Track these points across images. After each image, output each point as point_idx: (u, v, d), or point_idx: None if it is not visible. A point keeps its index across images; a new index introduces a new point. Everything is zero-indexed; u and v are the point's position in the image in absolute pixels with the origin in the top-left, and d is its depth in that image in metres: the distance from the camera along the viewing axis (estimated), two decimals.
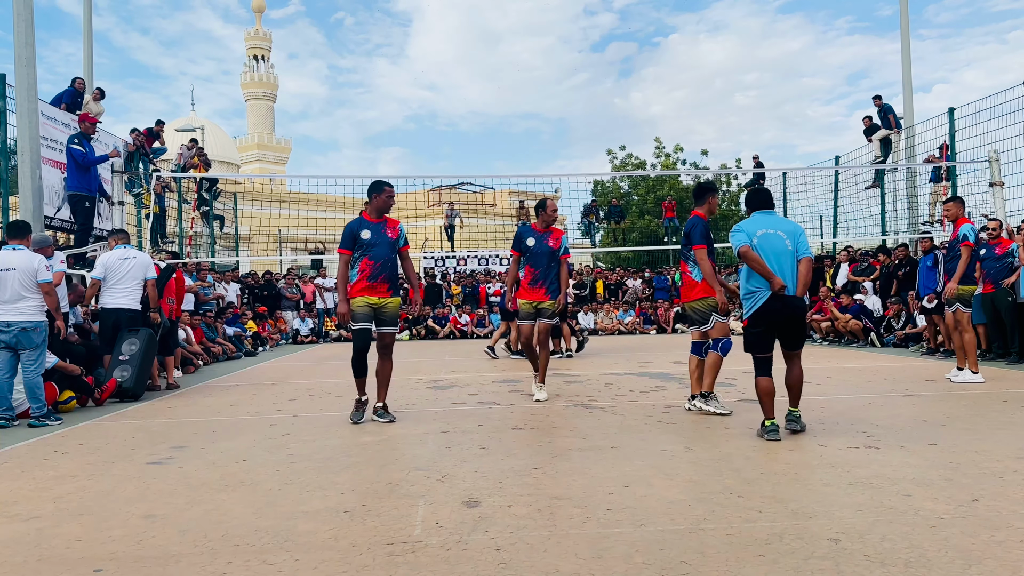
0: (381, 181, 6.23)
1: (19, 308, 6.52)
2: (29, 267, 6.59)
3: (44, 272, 6.65)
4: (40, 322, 6.63)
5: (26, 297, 6.55)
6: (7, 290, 6.50)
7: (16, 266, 6.56)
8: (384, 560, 2.89)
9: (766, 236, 5.19)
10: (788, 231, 5.27)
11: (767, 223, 5.30)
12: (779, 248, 5.17)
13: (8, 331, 6.49)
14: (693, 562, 2.78)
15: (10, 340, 6.51)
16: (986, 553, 2.79)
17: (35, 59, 9.45)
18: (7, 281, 6.51)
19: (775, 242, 5.18)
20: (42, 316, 6.66)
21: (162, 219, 16.52)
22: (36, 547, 3.15)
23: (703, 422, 5.73)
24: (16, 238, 6.88)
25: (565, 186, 27.62)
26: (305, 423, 6.15)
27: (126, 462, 4.79)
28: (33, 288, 6.59)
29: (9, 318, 6.48)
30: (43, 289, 6.63)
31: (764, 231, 5.21)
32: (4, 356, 6.54)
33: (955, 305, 8.07)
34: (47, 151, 10.98)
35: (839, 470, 4.12)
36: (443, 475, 4.23)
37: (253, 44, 74.19)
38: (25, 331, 6.53)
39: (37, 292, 6.62)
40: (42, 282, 6.62)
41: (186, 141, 18.81)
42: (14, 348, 6.56)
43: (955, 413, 5.99)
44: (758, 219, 5.35)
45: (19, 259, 6.61)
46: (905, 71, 17.15)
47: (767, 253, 5.13)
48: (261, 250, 26.44)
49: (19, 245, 6.78)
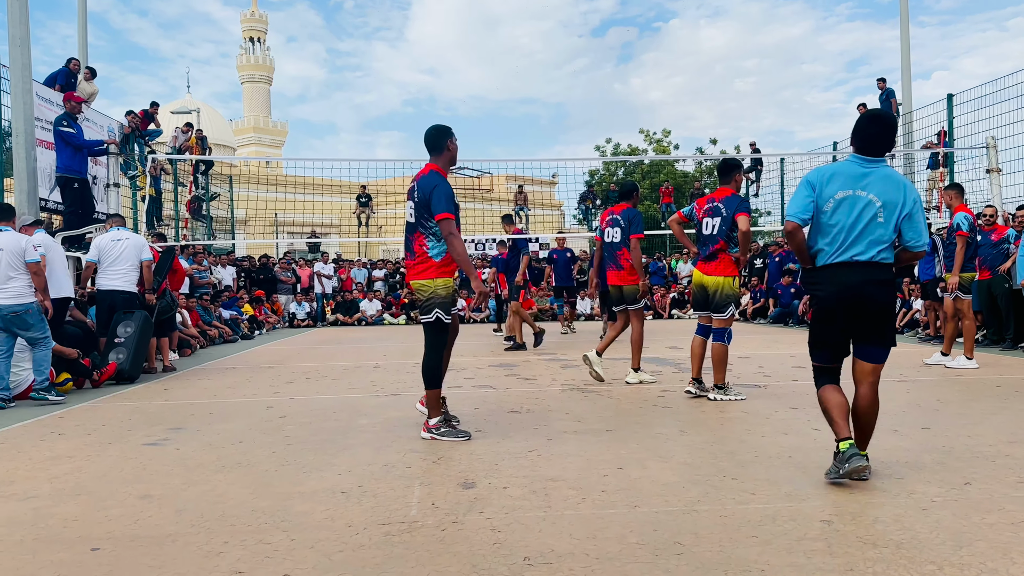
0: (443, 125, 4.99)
1: (8, 290, 6.55)
2: (17, 247, 6.64)
3: (32, 252, 6.70)
4: (30, 303, 6.66)
5: (14, 278, 6.59)
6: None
7: (4, 247, 6.59)
8: (380, 540, 2.90)
9: (848, 201, 3.50)
10: (889, 199, 3.48)
11: (860, 179, 3.51)
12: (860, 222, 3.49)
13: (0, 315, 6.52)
14: (687, 543, 2.80)
15: (3, 323, 6.54)
16: (977, 535, 2.82)
17: (29, 39, 9.37)
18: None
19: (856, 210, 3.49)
20: (32, 297, 6.70)
21: (158, 202, 16.46)
22: (33, 526, 3.16)
23: (698, 406, 5.75)
24: (2, 220, 6.89)
25: (563, 171, 27.57)
26: (302, 406, 6.17)
27: (123, 443, 4.80)
28: (21, 268, 6.63)
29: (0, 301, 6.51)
30: (31, 269, 6.68)
31: (848, 193, 3.50)
32: (2, 337, 6.57)
33: (955, 292, 8.09)
34: (42, 132, 10.90)
35: (832, 453, 4.13)
36: (439, 457, 4.24)
37: (249, 26, 73.62)
38: (16, 314, 6.57)
39: (25, 272, 6.65)
40: (30, 262, 6.67)
41: (181, 124, 18.71)
42: (9, 330, 6.59)
43: (949, 398, 6.02)
44: (847, 173, 3.55)
45: (6, 240, 6.65)
46: (904, 58, 17.11)
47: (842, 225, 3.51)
48: (258, 234, 26.36)
49: (5, 227, 6.81)
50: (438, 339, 4.76)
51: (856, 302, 3.52)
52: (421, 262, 4.72)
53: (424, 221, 4.68)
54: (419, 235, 4.71)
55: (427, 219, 4.66)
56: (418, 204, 4.69)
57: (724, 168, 6.35)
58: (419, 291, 4.74)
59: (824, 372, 3.74)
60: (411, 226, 4.78)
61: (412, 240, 4.76)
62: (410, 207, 4.77)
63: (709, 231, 6.12)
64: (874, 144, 3.55)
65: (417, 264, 4.75)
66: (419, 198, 4.68)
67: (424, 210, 4.66)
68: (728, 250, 6.06)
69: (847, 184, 3.53)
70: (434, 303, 4.69)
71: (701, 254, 6.21)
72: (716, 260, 6.08)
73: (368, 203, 25.02)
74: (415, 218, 4.73)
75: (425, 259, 4.70)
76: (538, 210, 30.90)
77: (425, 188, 4.66)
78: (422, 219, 4.69)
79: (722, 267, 6.07)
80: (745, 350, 10.10)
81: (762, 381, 7.06)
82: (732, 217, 5.97)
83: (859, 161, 3.57)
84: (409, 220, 4.80)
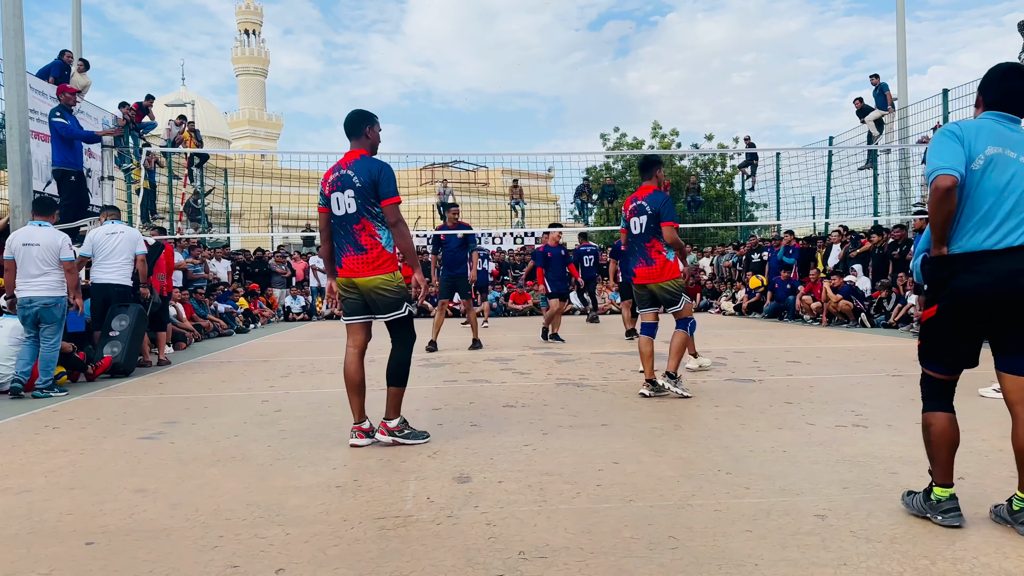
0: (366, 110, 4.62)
1: (40, 283, 6.71)
2: (53, 244, 6.80)
3: (67, 250, 6.88)
4: (60, 297, 6.83)
5: (47, 272, 6.74)
6: (30, 264, 6.69)
7: (40, 242, 6.76)
8: (375, 534, 2.91)
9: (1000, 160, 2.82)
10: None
11: (1007, 137, 2.87)
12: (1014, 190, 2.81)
13: (30, 307, 6.68)
14: (681, 537, 2.81)
15: (32, 316, 6.69)
16: (971, 530, 2.83)
17: (23, 31, 9.31)
18: (31, 255, 6.70)
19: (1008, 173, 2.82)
20: (62, 292, 6.86)
21: (152, 195, 16.40)
22: (27, 520, 3.16)
23: (693, 401, 5.76)
24: (41, 214, 7.05)
25: (559, 166, 27.61)
26: (297, 399, 6.16)
27: (117, 437, 4.79)
28: (55, 264, 6.79)
29: (31, 293, 6.69)
30: (65, 267, 6.83)
31: (998, 150, 2.84)
32: (31, 330, 6.76)
33: None
34: (36, 125, 10.85)
35: (827, 448, 4.15)
36: (434, 451, 4.25)
37: (244, 18, 73.37)
38: (47, 307, 6.73)
39: (58, 268, 6.80)
40: (64, 260, 6.82)
41: (174, 117, 18.64)
42: (36, 323, 6.75)
43: None
44: (991, 128, 2.89)
45: (43, 235, 6.81)
46: (900, 52, 17.10)
47: (991, 191, 2.82)
48: (252, 227, 26.30)
49: (44, 221, 6.97)
50: (411, 333, 4.52)
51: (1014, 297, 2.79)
52: (378, 256, 4.32)
53: (371, 208, 4.31)
54: (366, 225, 4.32)
55: (374, 205, 4.31)
56: (361, 189, 4.28)
57: (645, 165, 6.19)
58: (378, 288, 4.34)
59: (939, 389, 3.01)
60: (351, 217, 4.32)
61: (355, 232, 4.33)
62: (348, 196, 4.31)
63: (638, 231, 5.96)
64: (1018, 100, 2.93)
65: (372, 259, 4.32)
66: (363, 182, 4.29)
67: (371, 195, 4.29)
68: (663, 251, 5.91)
69: (996, 140, 2.85)
70: (400, 297, 4.39)
71: (635, 259, 6.01)
72: (655, 264, 5.91)
73: None
74: (357, 207, 4.30)
75: (381, 251, 4.33)
76: (534, 204, 30.88)
77: (370, 171, 4.31)
78: (367, 206, 4.31)
79: (657, 271, 5.90)
80: (740, 344, 10.12)
81: (757, 376, 7.07)
82: (658, 214, 5.84)
83: (997, 118, 2.92)
84: (348, 211, 4.33)
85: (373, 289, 4.35)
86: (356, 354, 4.52)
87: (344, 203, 4.35)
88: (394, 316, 4.41)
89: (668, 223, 5.83)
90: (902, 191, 17.36)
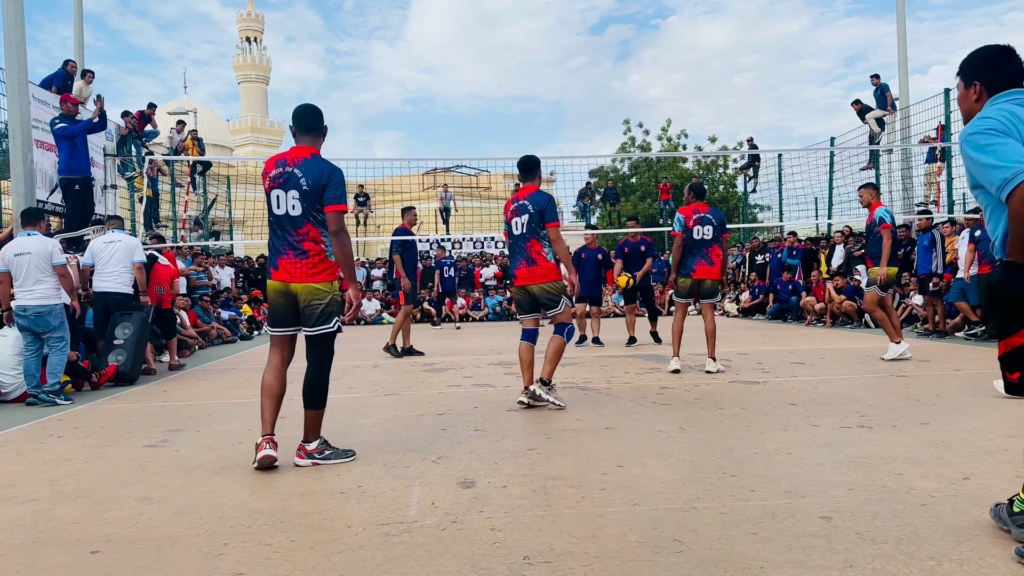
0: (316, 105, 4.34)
1: (35, 292, 6.78)
2: (43, 251, 6.86)
3: (58, 255, 6.95)
4: (55, 305, 6.88)
5: (42, 280, 6.80)
6: (24, 274, 6.77)
7: (31, 250, 6.82)
8: (380, 540, 2.90)
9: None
10: None
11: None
12: None
13: (24, 315, 6.75)
14: (686, 540, 2.80)
15: (28, 324, 6.76)
16: (976, 531, 2.82)
17: (25, 41, 9.36)
18: (23, 265, 6.78)
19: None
20: (57, 299, 6.91)
21: (155, 203, 16.44)
22: (33, 529, 3.16)
23: (697, 403, 5.75)
24: (29, 224, 7.13)
25: (560, 169, 27.59)
26: (300, 406, 6.14)
27: (122, 445, 4.80)
28: (48, 271, 6.84)
29: (25, 302, 6.76)
30: (58, 272, 6.90)
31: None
32: (28, 338, 6.83)
33: (873, 286, 8.22)
34: (39, 134, 10.89)
35: (832, 449, 4.14)
36: (438, 456, 4.24)
37: (245, 26, 73.57)
38: (40, 315, 6.77)
39: (52, 275, 6.86)
40: (56, 265, 6.89)
41: (174, 124, 18.68)
42: (35, 331, 6.81)
43: (947, 393, 6.02)
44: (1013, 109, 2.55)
45: (33, 244, 6.88)
46: (901, 52, 17.09)
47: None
48: (256, 234, 26.35)
49: (33, 231, 7.04)
50: (331, 352, 4.25)
51: None
52: (320, 262, 4.08)
53: (316, 214, 4.03)
54: (311, 230, 4.05)
55: (319, 211, 4.04)
56: (308, 192, 4.00)
57: (526, 165, 5.98)
58: (315, 296, 4.07)
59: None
60: (295, 220, 4.04)
61: (299, 236, 4.04)
62: (293, 197, 4.02)
63: (519, 231, 5.76)
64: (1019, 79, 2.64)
65: (313, 264, 4.07)
66: (310, 184, 3.99)
67: (317, 200, 4.01)
68: (544, 251, 5.70)
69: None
70: (333, 310, 4.13)
71: (515, 260, 5.82)
72: (536, 265, 5.70)
73: (366, 203, 25.03)
74: (302, 210, 4.01)
75: (324, 258, 4.09)
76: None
77: (320, 173, 4.02)
78: (313, 211, 4.03)
79: (538, 272, 5.70)
80: (744, 346, 10.11)
81: (761, 377, 7.06)
82: (541, 213, 5.68)
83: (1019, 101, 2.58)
84: (290, 213, 4.04)
85: (308, 296, 4.08)
86: (279, 367, 4.27)
87: (286, 203, 4.05)
88: (322, 330, 4.12)
89: (553, 223, 5.69)
90: (904, 191, 17.34)
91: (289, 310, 4.14)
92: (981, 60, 2.75)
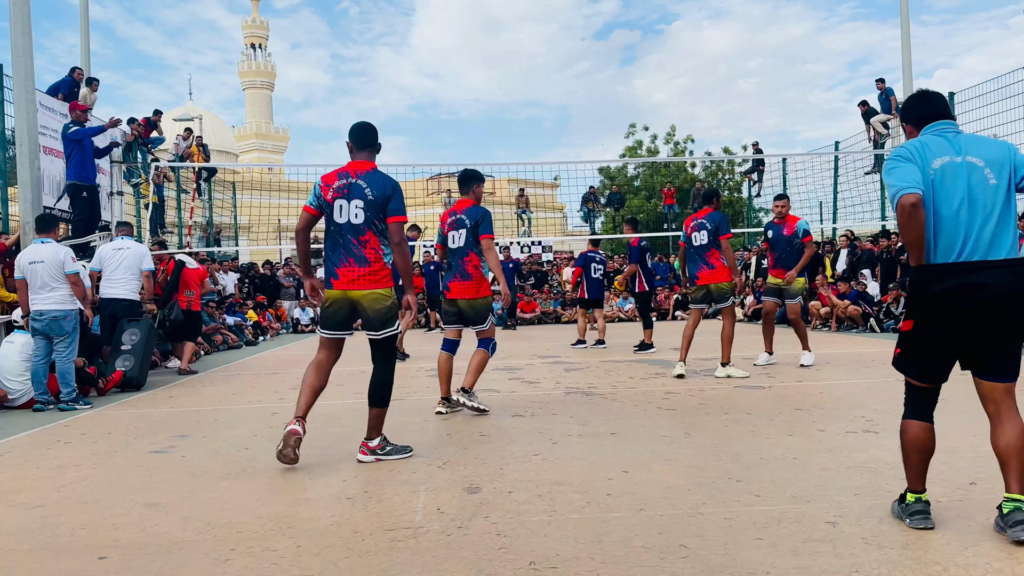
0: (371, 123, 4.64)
1: (50, 298, 6.87)
2: (56, 259, 6.93)
3: (70, 264, 7.00)
4: (70, 310, 6.97)
5: (55, 288, 6.89)
6: (38, 281, 6.86)
7: (44, 259, 6.90)
8: (386, 545, 2.91)
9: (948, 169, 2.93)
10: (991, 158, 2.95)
11: (950, 146, 2.98)
12: (974, 190, 2.91)
13: (41, 319, 6.83)
14: (692, 545, 2.81)
15: (43, 328, 6.84)
16: (983, 536, 2.82)
17: (32, 49, 9.41)
18: (37, 273, 6.87)
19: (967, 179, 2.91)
20: (72, 305, 7.00)
21: (161, 209, 16.49)
22: (41, 535, 3.18)
23: (702, 408, 5.75)
24: (44, 232, 7.22)
25: (565, 174, 27.60)
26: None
27: (129, 451, 4.82)
28: (61, 279, 6.92)
29: (42, 307, 6.85)
30: (70, 280, 6.96)
31: (944, 160, 2.95)
32: (40, 343, 6.90)
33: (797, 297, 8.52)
34: (46, 140, 10.95)
35: (837, 454, 4.14)
36: (444, 462, 4.25)
37: (251, 32, 73.82)
38: (56, 319, 6.86)
39: (65, 283, 6.94)
40: (69, 273, 6.94)
41: (181, 131, 18.75)
42: (48, 336, 6.88)
43: (952, 397, 5.97)
44: (934, 142, 3.01)
45: (47, 252, 6.95)
46: (905, 56, 17.09)
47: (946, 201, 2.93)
48: (261, 240, 26.41)
49: (47, 239, 7.13)
50: (395, 353, 4.54)
51: None
52: (380, 269, 4.31)
53: (377, 223, 4.28)
54: (371, 238, 4.29)
55: (381, 221, 4.29)
56: (372, 202, 4.25)
57: (464, 179, 6.01)
58: (377, 301, 4.30)
59: None
60: (357, 228, 4.26)
61: (360, 244, 4.27)
62: (356, 206, 4.26)
63: (455, 244, 5.78)
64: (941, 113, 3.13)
65: (374, 272, 4.30)
66: (375, 195, 4.26)
67: (380, 210, 4.27)
68: (480, 266, 5.76)
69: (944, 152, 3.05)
70: (395, 314, 4.37)
71: (451, 273, 5.86)
72: (471, 280, 5.75)
73: None
74: (365, 219, 4.26)
75: (382, 265, 4.33)
76: (540, 213, 30.91)
77: (384, 185, 4.31)
78: (376, 220, 4.28)
79: (472, 287, 5.76)
80: (748, 351, 10.09)
81: (766, 382, 7.05)
82: (476, 227, 5.72)
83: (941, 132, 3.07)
84: (352, 221, 4.27)
85: (372, 302, 4.29)
86: (326, 365, 4.48)
87: (349, 212, 4.27)
88: (385, 334, 4.35)
89: (486, 235, 5.70)
90: None
91: (346, 316, 4.40)
92: (906, 104, 3.30)
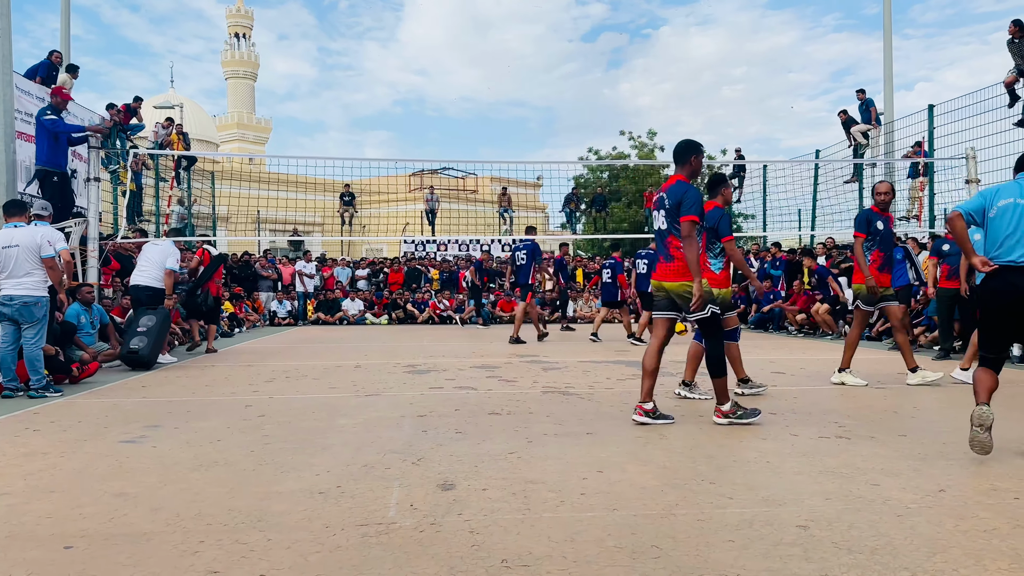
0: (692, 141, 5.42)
1: (23, 283, 6.73)
2: (32, 243, 6.80)
3: (47, 248, 6.86)
4: (41, 297, 6.83)
5: (31, 272, 6.77)
6: (12, 266, 6.72)
7: (20, 243, 6.76)
8: (357, 541, 2.89)
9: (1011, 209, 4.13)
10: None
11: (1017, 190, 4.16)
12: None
13: (10, 304, 6.69)
14: (664, 546, 2.81)
15: (12, 313, 6.71)
16: (951, 542, 2.85)
17: (10, 31, 9.26)
18: (11, 258, 6.72)
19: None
20: (44, 292, 6.86)
21: (139, 197, 16.30)
22: (6, 523, 3.12)
23: (678, 411, 5.77)
24: (15, 215, 7.06)
25: (547, 174, 27.67)
26: (281, 405, 6.13)
27: (99, 440, 4.75)
28: (37, 263, 6.78)
29: (12, 292, 6.69)
30: (47, 264, 6.83)
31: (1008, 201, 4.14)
32: (8, 328, 6.76)
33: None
34: (21, 125, 10.77)
35: (810, 459, 4.17)
36: (418, 458, 4.23)
37: (235, 22, 73.21)
38: (27, 305, 6.72)
39: (41, 268, 6.81)
40: (45, 257, 6.82)
41: (162, 119, 18.55)
42: (17, 321, 6.74)
43: (925, 405, 6.08)
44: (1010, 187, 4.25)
45: (21, 236, 6.82)
46: (887, 68, 17.31)
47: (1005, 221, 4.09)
48: (239, 231, 26.18)
49: (19, 222, 6.98)
50: (718, 331, 5.21)
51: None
52: (684, 265, 5.08)
53: (676, 226, 5.09)
54: (673, 240, 5.14)
55: (677, 223, 5.08)
56: (670, 210, 5.12)
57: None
58: (684, 291, 5.10)
59: None
60: (662, 232, 5.23)
61: (667, 245, 5.19)
62: (660, 215, 5.23)
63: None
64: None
65: (678, 268, 5.12)
66: (671, 204, 5.12)
67: (676, 215, 5.07)
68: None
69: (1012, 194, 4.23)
70: (705, 300, 5.10)
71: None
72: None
73: (351, 202, 24.92)
74: (667, 224, 5.16)
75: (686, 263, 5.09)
76: (522, 212, 30.94)
77: (677, 194, 5.12)
78: (674, 224, 5.11)
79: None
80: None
81: (740, 387, 7.08)
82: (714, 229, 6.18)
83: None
84: (660, 228, 5.24)
85: (679, 294, 5.15)
86: (657, 346, 5.25)
87: (658, 220, 5.25)
88: (698, 316, 5.13)
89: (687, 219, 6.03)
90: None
91: (666, 302, 5.28)
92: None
